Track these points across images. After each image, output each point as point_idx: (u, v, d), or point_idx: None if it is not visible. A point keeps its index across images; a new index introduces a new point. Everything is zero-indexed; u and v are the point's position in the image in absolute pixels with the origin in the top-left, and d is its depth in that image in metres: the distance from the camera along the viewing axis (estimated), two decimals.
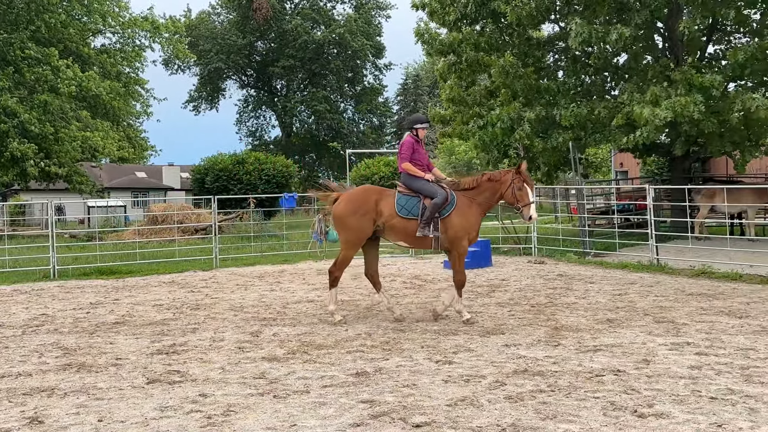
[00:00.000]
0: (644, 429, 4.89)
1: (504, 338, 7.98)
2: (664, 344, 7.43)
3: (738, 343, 7.37)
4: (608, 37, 16.39)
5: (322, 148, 60.46)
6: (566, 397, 5.65)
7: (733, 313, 9.04)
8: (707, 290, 11.07)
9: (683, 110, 15.51)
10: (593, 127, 18.80)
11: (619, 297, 10.67)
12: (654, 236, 14.47)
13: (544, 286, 12.04)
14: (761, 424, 4.89)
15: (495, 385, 6.04)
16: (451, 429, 5.00)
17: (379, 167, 34.65)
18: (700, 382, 5.98)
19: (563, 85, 19.75)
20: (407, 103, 70.88)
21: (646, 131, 16.28)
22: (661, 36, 19.90)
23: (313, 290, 12.42)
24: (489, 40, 19.28)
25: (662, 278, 12.63)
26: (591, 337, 7.91)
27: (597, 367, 6.57)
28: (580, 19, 16.87)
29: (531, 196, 8.86)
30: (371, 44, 59.42)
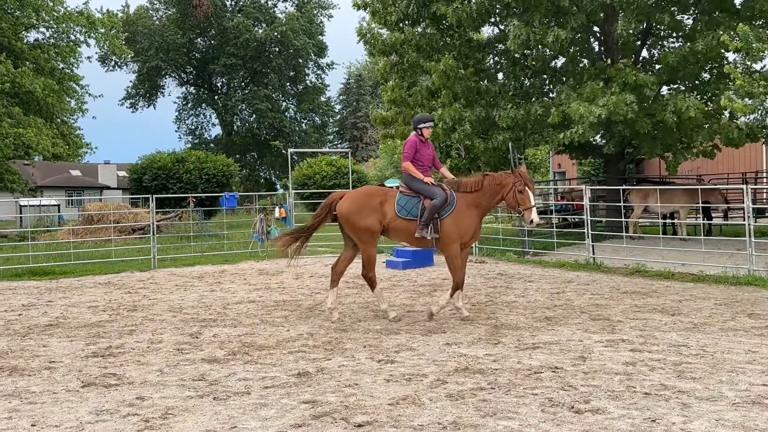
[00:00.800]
0: (581, 424, 5.00)
1: (445, 337, 8.06)
2: (600, 341, 7.61)
3: (670, 340, 7.59)
4: (546, 40, 16.71)
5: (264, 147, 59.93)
6: (506, 395, 5.74)
7: (666, 311, 9.31)
8: (641, 288, 11.37)
9: (616, 108, 15.91)
10: (532, 128, 19.13)
11: (556, 295, 10.88)
12: (590, 236, 14.79)
13: (484, 285, 12.19)
14: (693, 418, 5.05)
15: (436, 384, 6.09)
16: (392, 428, 5.03)
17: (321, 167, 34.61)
18: (634, 378, 6.15)
19: (503, 87, 20.05)
20: (349, 102, 70.93)
21: (582, 128, 16.62)
22: (597, 39, 20.37)
23: (255, 290, 12.31)
24: (430, 42, 19.43)
25: (598, 277, 12.92)
26: (530, 335, 8.05)
27: (535, 364, 6.69)
28: (518, 22, 17.14)
29: (532, 199, 8.76)
30: (313, 43, 59.20)
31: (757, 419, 4.97)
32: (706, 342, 7.43)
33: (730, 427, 4.83)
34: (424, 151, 9.35)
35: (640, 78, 16.33)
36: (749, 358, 6.70)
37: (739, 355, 6.80)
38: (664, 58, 17.55)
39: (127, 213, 23.70)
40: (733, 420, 4.97)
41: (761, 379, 5.97)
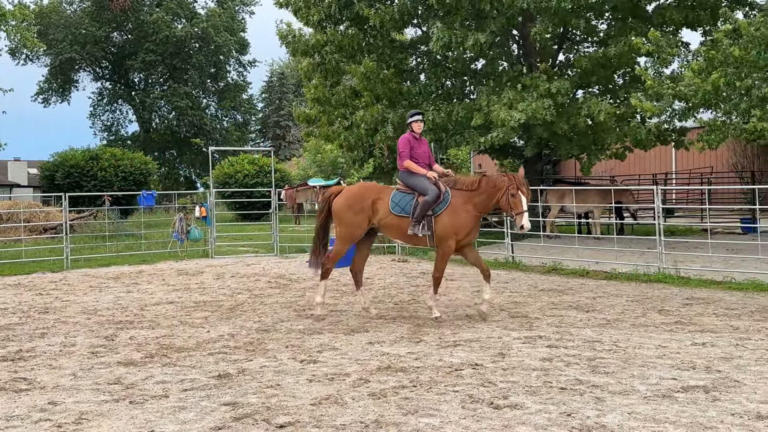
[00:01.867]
0: (500, 420, 5.09)
1: (368, 336, 8.07)
2: (518, 338, 7.77)
3: (585, 336, 7.82)
4: (467, 43, 16.97)
5: (184, 145, 58.65)
6: (427, 392, 5.79)
7: (581, 308, 9.58)
8: (557, 286, 11.67)
9: (535, 113, 16.34)
10: (454, 129, 19.39)
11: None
12: (509, 235, 15.09)
13: (407, 284, 12.28)
14: (607, 412, 5.22)
15: (359, 383, 6.10)
16: (315, 428, 5.01)
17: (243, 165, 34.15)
18: (551, 373, 6.30)
19: (425, 88, 20.26)
20: (272, 100, 70.24)
21: (502, 132, 17.01)
22: (516, 43, 20.82)
23: (174, 291, 12.05)
24: (352, 42, 19.43)
25: (517, 275, 13.20)
26: (451, 332, 8.15)
27: (456, 361, 6.77)
28: (441, 24, 17.35)
29: (524, 203, 8.52)
30: (235, 40, 58.30)
31: (667, 412, 5.17)
32: (618, 338, 7.67)
33: (641, 420, 5.01)
34: (419, 148, 9.20)
35: (553, 86, 16.83)
36: (659, 353, 6.96)
37: (650, 350, 7.06)
38: (578, 61, 18.09)
39: (39, 212, 22.81)
40: (645, 413, 5.15)
41: (671, 373, 6.21)
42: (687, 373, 6.20)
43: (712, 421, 4.95)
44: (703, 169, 26.58)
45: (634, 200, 20.03)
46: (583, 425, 4.93)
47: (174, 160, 61.76)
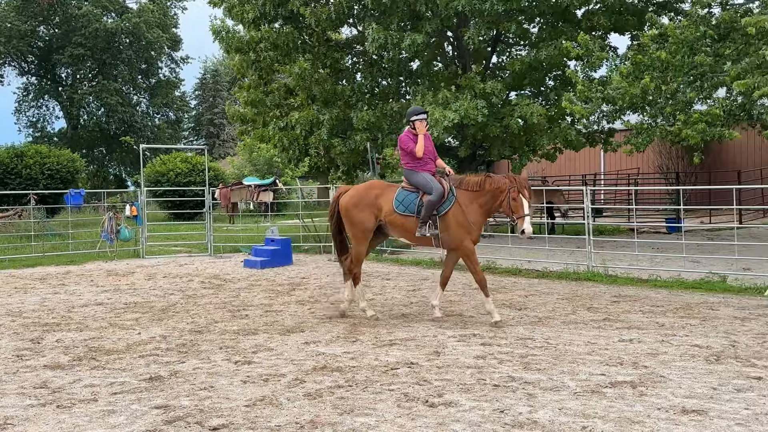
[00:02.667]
0: (434, 418, 5.14)
1: (304, 336, 8.03)
2: (453, 336, 7.85)
3: (518, 333, 7.95)
4: (403, 43, 17.07)
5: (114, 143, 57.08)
6: (363, 391, 5.80)
7: (514, 306, 9.75)
8: (491, 285, 11.76)
9: (468, 113, 16.57)
10: (389, 128, 19.48)
11: (413, 293, 11.12)
12: None
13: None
14: (538, 408, 5.32)
15: (294, 383, 6.06)
16: (249, 430, 4.95)
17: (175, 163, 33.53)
18: (484, 370, 6.39)
19: (360, 88, 20.27)
20: (206, 98, 69.21)
21: (437, 131, 17.16)
22: (451, 44, 21.03)
23: (103, 292, 11.74)
24: (287, 40, 19.28)
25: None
26: (387, 332, 8.18)
27: (392, 360, 6.80)
28: (376, 24, 17.39)
29: (526, 207, 8.17)
30: (167, 36, 57.12)
31: (596, 407, 5.30)
32: (549, 335, 7.83)
33: (571, 416, 5.12)
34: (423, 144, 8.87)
35: (487, 86, 17.11)
36: (589, 349, 7.13)
37: (579, 347, 7.23)
38: (511, 65, 18.41)
39: None
40: (575, 408, 5.27)
41: (599, 369, 6.37)
42: (615, 368, 6.36)
43: (639, 415, 5.09)
44: (630, 171, 27.39)
45: (565, 200, 20.50)
46: (516, 421, 5.02)
47: (103, 158, 60.11)
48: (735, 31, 14.15)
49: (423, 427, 4.95)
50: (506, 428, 4.90)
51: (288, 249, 15.57)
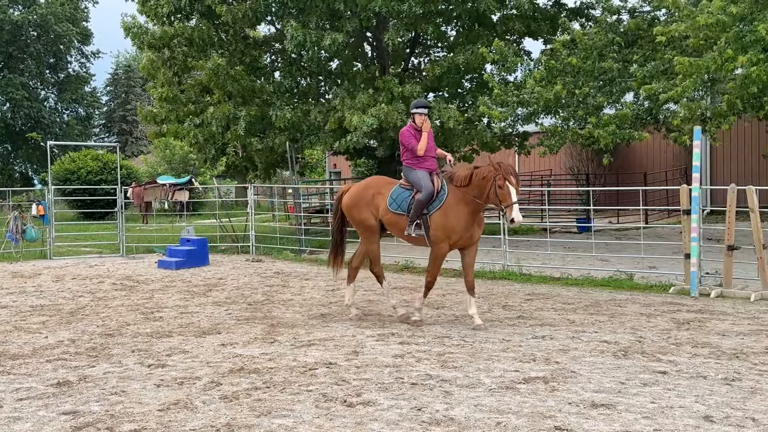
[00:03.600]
0: (353, 417, 5.15)
1: (220, 338, 7.91)
2: (371, 336, 7.87)
3: (435, 332, 8.04)
4: (322, 42, 17.02)
5: (19, 139, 54.67)
6: (281, 393, 5.75)
7: (431, 305, 9.84)
8: (410, 284, 11.94)
9: (387, 117, 16.69)
10: (309, 130, 19.40)
11: (332, 292, 11.10)
12: None
13: (261, 284, 12.14)
14: (455, 405, 5.40)
15: (210, 386, 5.96)
16: None
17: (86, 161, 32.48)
18: (402, 369, 6.43)
19: (279, 86, 20.10)
20: (118, 94, 67.18)
21: (356, 136, 17.24)
22: (370, 45, 21.11)
23: (8, 294, 11.25)
24: (202, 36, 18.93)
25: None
26: (306, 332, 8.13)
27: (311, 361, 6.77)
28: (295, 23, 17.28)
29: (514, 195, 7.70)
30: (77, 30, 55.11)
31: (510, 403, 5.41)
32: (466, 333, 7.95)
33: (486, 412, 5.22)
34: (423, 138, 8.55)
35: (405, 89, 17.27)
36: (503, 346, 7.28)
37: (495, 344, 7.37)
38: (430, 69, 18.64)
39: None
40: (490, 405, 5.37)
41: (514, 365, 6.52)
42: (528, 365, 6.52)
43: (551, 410, 5.23)
44: (543, 172, 28.11)
45: None
46: (432, 419, 5.08)
47: (8, 155, 57.46)
48: (642, 38, 14.74)
49: (341, 427, 4.94)
50: (423, 426, 4.95)
51: (204, 249, 15.28)
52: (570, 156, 27.41)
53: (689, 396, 5.51)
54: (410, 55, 21.18)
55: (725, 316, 8.68)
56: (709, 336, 7.60)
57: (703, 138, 10.73)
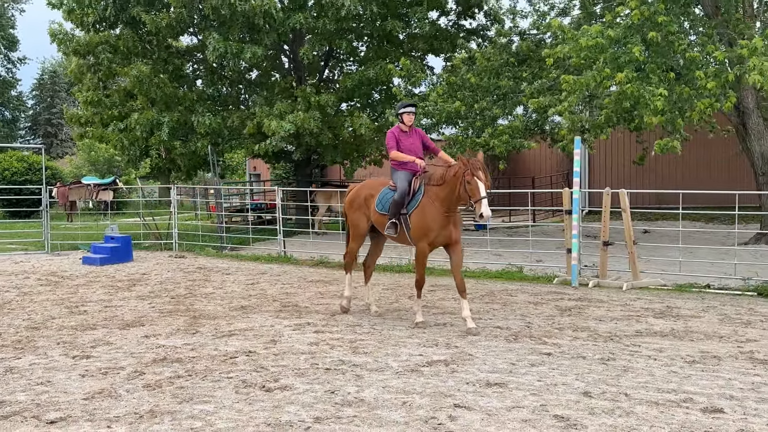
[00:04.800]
0: (271, 401, 5.09)
1: (144, 330, 7.66)
2: (289, 325, 7.80)
3: (348, 321, 8.05)
4: (243, 54, 16.76)
5: None
6: (202, 380, 5.63)
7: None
8: (324, 277, 11.89)
9: (303, 124, 16.61)
10: (229, 135, 19.08)
11: (251, 286, 10.94)
12: (282, 231, 15.12)
13: (184, 279, 11.83)
14: (365, 387, 5.42)
15: (134, 375, 5.77)
16: (87, 422, 4.66)
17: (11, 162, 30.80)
18: (317, 356, 6.41)
19: (202, 94, 19.68)
20: (43, 98, 64.04)
21: (274, 141, 17.06)
22: (287, 58, 20.93)
23: None
24: (127, 44, 18.31)
25: (288, 268, 13.24)
26: (227, 323, 7.99)
27: (231, 350, 6.65)
28: (217, 35, 16.95)
29: (482, 190, 7.04)
30: (3, 35, 52.23)
31: (415, 384, 5.48)
32: (376, 321, 8.00)
33: (394, 393, 5.26)
34: (407, 140, 7.93)
35: (321, 98, 17.25)
36: (409, 333, 7.36)
37: (401, 331, 7.44)
38: (343, 80, 18.66)
39: None
40: (397, 386, 5.42)
41: (418, 350, 6.60)
42: (431, 349, 6.61)
43: (451, 389, 5.33)
44: None
45: None
46: (345, 400, 5.08)
47: None
48: (531, 58, 15.19)
49: (260, 411, 4.88)
50: (336, 407, 4.95)
51: (128, 246, 14.75)
52: None
53: (571, 374, 5.72)
54: (325, 68, 21.11)
55: (601, 303, 9.05)
56: (587, 321, 7.91)
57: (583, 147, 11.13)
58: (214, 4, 16.26)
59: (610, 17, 12.63)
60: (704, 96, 11.56)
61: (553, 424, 4.57)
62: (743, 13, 13.13)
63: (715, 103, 11.65)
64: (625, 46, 11.85)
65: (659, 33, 11.71)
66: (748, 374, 5.69)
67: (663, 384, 5.43)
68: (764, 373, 5.70)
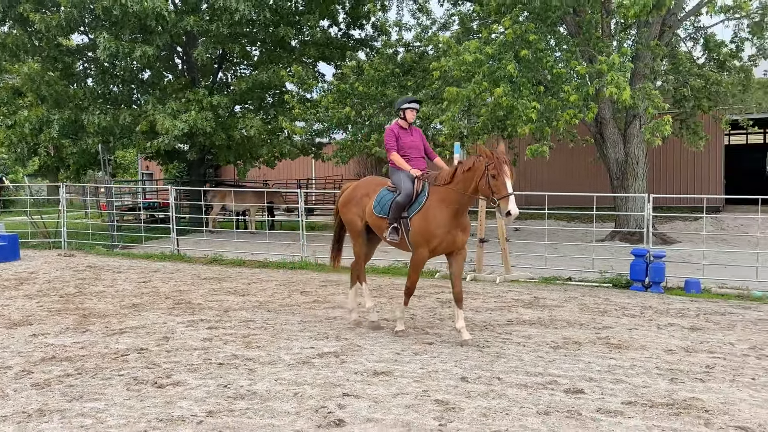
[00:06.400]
0: (163, 397, 4.92)
1: (32, 329, 7.19)
2: (182, 322, 7.56)
3: (241, 317, 7.88)
4: (134, 54, 16.09)
5: None
6: (93, 378, 5.36)
7: (238, 292, 9.65)
8: (218, 274, 11.60)
9: (196, 123, 16.16)
10: (121, 133, 18.24)
11: (144, 284, 10.50)
12: (175, 230, 14.63)
13: (73, 277, 11.18)
14: (257, 380, 5.34)
15: (22, 375, 5.41)
16: None
17: None
18: (210, 351, 6.25)
19: (93, 92, 18.72)
20: None
21: (167, 139, 16.49)
22: (180, 59, 20.26)
23: None
24: (16, 41, 17.12)
25: (182, 266, 12.82)
26: (118, 321, 7.63)
27: (122, 347, 6.37)
28: (108, 34, 16.18)
29: (509, 186, 6.03)
30: None
31: (306, 375, 5.46)
32: (269, 316, 7.89)
33: (286, 384, 5.22)
34: (407, 138, 7.03)
35: (214, 99, 16.85)
36: (301, 327, 7.32)
37: (294, 326, 7.38)
38: (237, 83, 18.29)
39: None
40: (289, 378, 5.38)
41: (310, 343, 6.58)
42: (322, 342, 6.61)
43: (341, 379, 5.35)
44: (336, 177, 28.62)
45: (284, 201, 20.78)
46: (237, 394, 4.99)
47: None
48: (414, 68, 15.50)
49: (152, 407, 4.71)
50: (229, 401, 4.85)
51: (15, 245, 13.77)
52: (358, 163, 28.12)
53: (450, 361, 5.89)
54: (218, 70, 20.59)
55: (477, 295, 9.37)
56: (465, 312, 8.16)
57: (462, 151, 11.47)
58: (105, 4, 15.48)
59: (486, 33, 13.10)
60: (569, 107, 12.21)
61: (434, 408, 4.70)
62: (602, 32, 13.96)
63: (578, 114, 12.33)
64: (500, 62, 12.32)
65: (530, 50, 12.26)
66: (604, 358, 6.07)
67: (531, 368, 5.70)
68: (618, 357, 6.10)
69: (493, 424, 4.41)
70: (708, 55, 16.24)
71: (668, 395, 5.00)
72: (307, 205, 20.36)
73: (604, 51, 13.04)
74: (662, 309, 8.41)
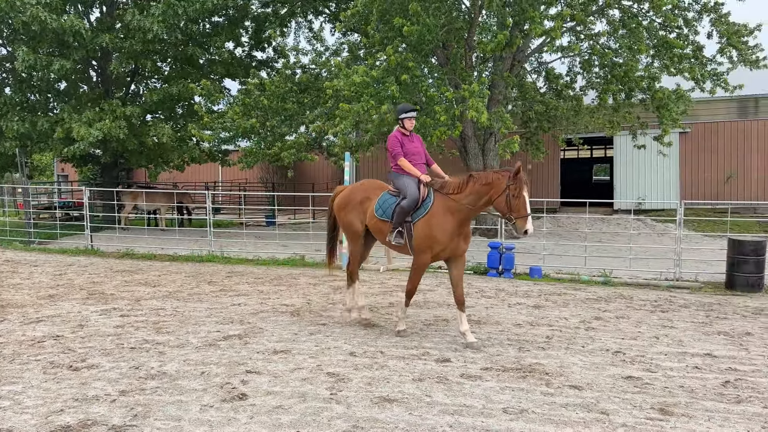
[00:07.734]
0: (78, 379, 4.63)
1: None
2: (96, 311, 7.13)
3: (152, 306, 7.53)
4: (52, 66, 14.99)
5: None
6: (10, 363, 4.95)
7: (149, 283, 9.21)
8: (130, 267, 11.02)
9: (110, 131, 15.34)
10: (38, 138, 16.90)
11: (59, 276, 9.78)
12: (89, 227, 13.71)
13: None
14: (167, 362, 5.14)
15: None
16: None
17: None
18: (123, 337, 5.95)
19: (11, 100, 17.22)
20: None
21: (83, 145, 15.52)
22: (95, 72, 19.07)
23: None
24: None
25: (95, 260, 12.05)
26: (34, 311, 7.08)
27: (39, 335, 5.92)
28: (26, 48, 14.96)
29: (528, 207, 5.55)
30: None
31: (212, 356, 5.32)
32: (178, 305, 7.60)
33: (193, 365, 5.07)
34: (410, 144, 6.34)
35: (126, 110, 16.07)
36: (208, 313, 7.11)
37: (201, 312, 7.15)
38: (149, 95, 17.44)
39: None
40: (196, 359, 5.23)
41: (216, 327, 6.41)
42: (227, 326, 6.46)
43: (244, 358, 5.27)
44: (240, 180, 27.92)
45: (192, 201, 20.02)
46: (148, 374, 4.79)
47: None
48: (310, 87, 15.43)
49: (68, 388, 4.43)
50: (140, 380, 4.65)
51: None
52: (261, 169, 27.58)
53: (340, 339, 5.95)
54: (131, 83, 19.49)
55: (364, 282, 9.47)
56: None
57: (351, 160, 11.56)
58: (24, 19, 14.24)
59: (372, 61, 13.26)
60: (440, 125, 12.61)
61: (326, 380, 4.73)
62: (465, 64, 14.52)
63: (447, 131, 12.76)
64: (384, 85, 12.52)
65: (408, 76, 12.55)
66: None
67: (408, 342, 5.87)
68: (478, 331, 6.40)
69: (377, 391, 4.51)
70: (548, 85, 17.29)
71: (517, 361, 5.32)
72: (214, 205, 19.71)
73: (466, 80, 13.57)
74: (512, 291, 8.90)
